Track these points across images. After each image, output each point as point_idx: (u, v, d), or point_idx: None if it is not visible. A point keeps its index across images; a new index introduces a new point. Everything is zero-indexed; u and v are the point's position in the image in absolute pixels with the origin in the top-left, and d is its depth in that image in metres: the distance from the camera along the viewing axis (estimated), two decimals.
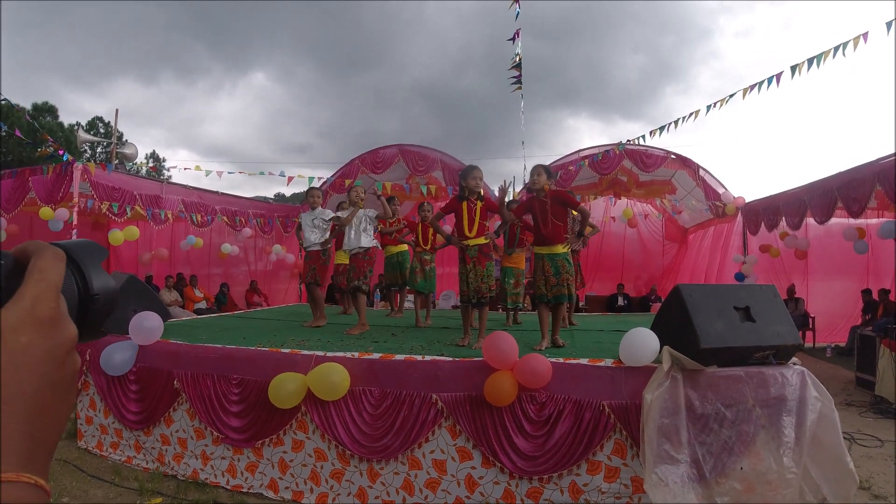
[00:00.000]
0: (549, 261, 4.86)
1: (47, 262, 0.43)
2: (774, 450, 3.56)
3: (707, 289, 3.92)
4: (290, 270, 14.49)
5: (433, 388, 4.00)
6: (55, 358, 0.41)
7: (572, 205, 5.05)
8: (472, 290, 5.01)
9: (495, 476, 3.84)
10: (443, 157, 12.54)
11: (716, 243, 13.03)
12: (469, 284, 5.02)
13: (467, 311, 5.22)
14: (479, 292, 5.00)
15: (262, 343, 4.88)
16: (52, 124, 31.60)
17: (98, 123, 37.23)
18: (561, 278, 4.81)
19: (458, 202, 5.15)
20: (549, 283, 4.83)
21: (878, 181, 7.55)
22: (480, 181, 5.18)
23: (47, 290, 0.42)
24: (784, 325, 3.77)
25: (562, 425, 3.74)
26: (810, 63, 6.86)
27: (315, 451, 4.23)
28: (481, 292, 5.00)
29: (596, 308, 12.77)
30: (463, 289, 5.09)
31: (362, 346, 4.82)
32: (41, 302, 0.41)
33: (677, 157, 12.07)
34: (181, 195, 11.36)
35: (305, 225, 6.59)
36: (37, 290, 0.41)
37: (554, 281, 4.81)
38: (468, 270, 5.02)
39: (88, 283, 0.47)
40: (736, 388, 3.59)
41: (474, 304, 5.05)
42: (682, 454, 3.42)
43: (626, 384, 3.70)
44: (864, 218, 9.48)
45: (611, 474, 3.69)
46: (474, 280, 4.99)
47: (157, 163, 37.55)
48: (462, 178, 5.18)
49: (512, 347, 3.86)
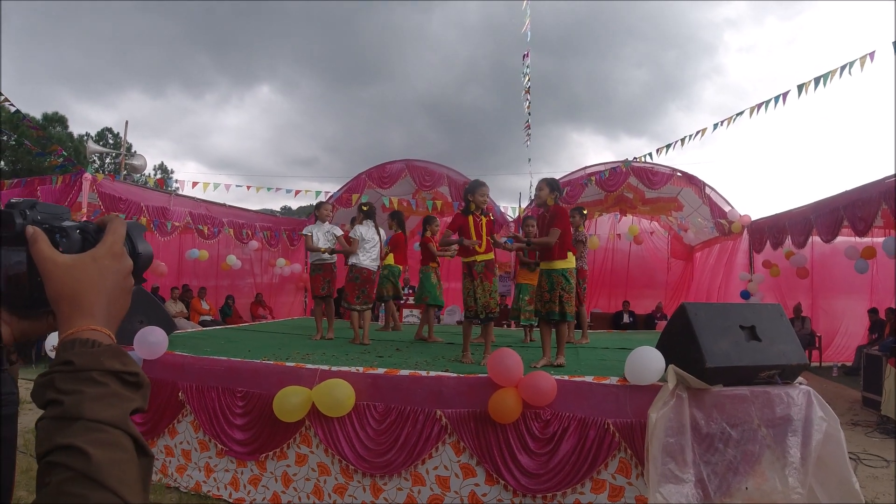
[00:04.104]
0: (545, 276, 4.85)
1: (117, 224, 0.73)
2: (779, 470, 3.54)
3: (713, 307, 3.92)
4: (296, 283, 14.51)
5: (437, 404, 4.00)
6: (121, 273, 0.70)
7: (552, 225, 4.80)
8: (481, 306, 5.00)
9: (499, 493, 3.83)
10: (449, 173, 12.60)
11: (721, 261, 13.01)
12: (477, 300, 5.01)
13: (470, 327, 5.21)
14: (487, 308, 4.99)
15: (268, 356, 4.89)
16: (61, 134, 31.87)
17: (107, 134, 37.53)
18: (554, 294, 4.74)
19: (464, 217, 5.14)
20: (543, 299, 4.81)
21: (884, 200, 7.55)
22: (487, 197, 5.19)
23: (117, 238, 0.72)
24: (790, 345, 3.76)
25: (566, 443, 3.73)
26: (817, 82, 6.89)
27: (318, 466, 4.22)
28: (490, 308, 5.00)
29: (601, 325, 12.72)
30: (470, 304, 5.07)
31: (367, 360, 4.82)
32: (114, 244, 0.71)
33: (683, 175, 12.09)
34: (188, 207, 11.42)
35: (317, 237, 6.60)
36: (112, 238, 0.71)
37: (547, 297, 4.78)
38: (475, 286, 5.01)
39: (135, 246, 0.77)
40: (741, 407, 3.58)
41: (482, 319, 5.04)
42: (686, 474, 3.40)
43: (631, 403, 3.70)
44: (872, 237, 9.47)
45: (615, 493, 3.67)
46: (482, 295, 4.98)
47: (164, 174, 37.79)
48: (469, 193, 5.18)
49: (517, 364, 3.86)
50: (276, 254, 13.85)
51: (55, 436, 0.57)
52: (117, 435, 0.59)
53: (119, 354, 0.64)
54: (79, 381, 0.60)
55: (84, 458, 0.55)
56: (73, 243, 0.71)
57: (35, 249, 0.67)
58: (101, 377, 0.61)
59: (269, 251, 13.82)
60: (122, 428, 0.60)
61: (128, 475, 0.57)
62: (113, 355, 0.63)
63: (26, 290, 0.70)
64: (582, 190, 12.05)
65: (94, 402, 0.59)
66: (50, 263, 0.67)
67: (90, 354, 0.62)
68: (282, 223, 14.24)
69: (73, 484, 0.54)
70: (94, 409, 0.58)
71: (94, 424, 0.58)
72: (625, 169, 11.67)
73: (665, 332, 4.03)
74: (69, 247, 0.70)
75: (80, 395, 0.59)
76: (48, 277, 0.66)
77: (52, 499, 0.54)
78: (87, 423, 0.57)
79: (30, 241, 0.68)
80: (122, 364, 0.64)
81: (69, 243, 0.71)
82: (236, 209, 12.95)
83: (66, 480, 0.54)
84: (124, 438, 0.59)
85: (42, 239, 0.68)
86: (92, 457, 0.55)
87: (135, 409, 0.63)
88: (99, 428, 0.58)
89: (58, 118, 34.07)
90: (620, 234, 14.36)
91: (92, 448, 0.56)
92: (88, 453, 0.55)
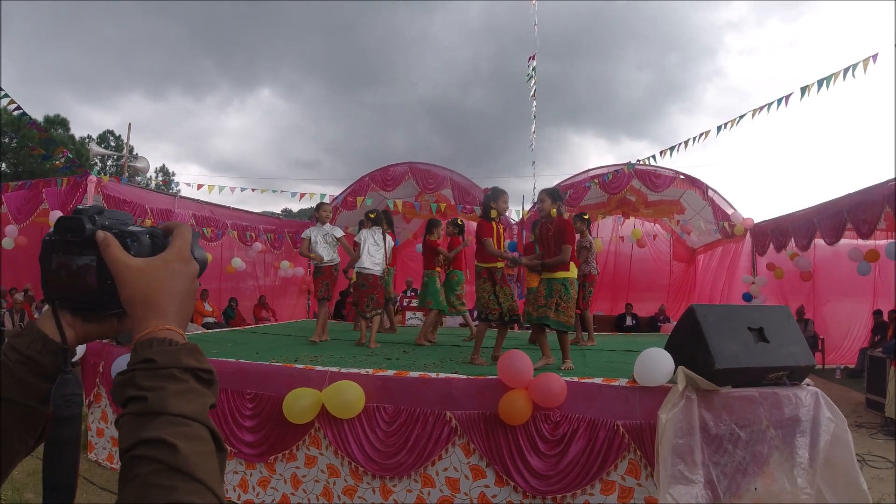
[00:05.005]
0: (545, 283, 4.91)
1: (184, 230, 0.76)
2: (788, 471, 3.56)
3: (721, 309, 3.94)
4: (299, 286, 14.53)
5: (447, 406, 4.02)
6: (189, 276, 0.73)
7: (562, 241, 4.87)
8: (506, 309, 5.09)
9: (509, 495, 3.85)
10: (452, 176, 12.62)
11: (724, 264, 13.02)
12: (501, 304, 5.09)
13: (485, 329, 5.27)
14: (512, 310, 5.11)
15: (276, 358, 4.91)
16: (63, 137, 31.89)
17: (109, 137, 37.57)
18: (550, 301, 4.80)
19: (490, 223, 5.21)
20: (537, 304, 4.87)
21: (888, 203, 7.57)
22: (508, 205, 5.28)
23: (185, 243, 0.75)
24: (797, 346, 3.78)
25: (576, 445, 3.75)
26: (820, 84, 6.91)
27: (328, 467, 4.24)
28: (514, 310, 5.13)
29: (604, 328, 12.71)
30: (492, 307, 5.14)
31: (376, 362, 4.84)
32: (183, 248, 0.74)
33: (686, 178, 12.10)
34: (193, 209, 11.44)
35: (316, 240, 6.62)
36: (180, 242, 0.74)
37: (542, 302, 4.84)
38: (496, 291, 5.07)
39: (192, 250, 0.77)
40: (750, 408, 3.60)
41: (506, 322, 5.13)
42: (696, 475, 3.42)
43: (641, 404, 3.72)
44: (875, 239, 9.48)
45: (625, 494, 3.69)
46: (505, 299, 5.07)
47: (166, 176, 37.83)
48: (492, 201, 5.24)
49: (527, 366, 3.89)
50: (280, 256, 13.87)
51: (140, 430, 0.59)
52: (199, 428, 0.61)
53: (195, 352, 0.67)
54: (160, 377, 0.62)
55: (171, 450, 0.57)
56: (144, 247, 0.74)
57: (108, 253, 0.70)
58: (181, 374, 0.64)
59: (272, 253, 13.84)
60: (202, 422, 0.62)
61: (212, 467, 0.59)
62: (189, 353, 0.66)
63: (95, 293, 0.72)
64: (585, 193, 12.06)
65: (176, 398, 0.61)
66: (124, 267, 0.70)
67: (169, 352, 0.65)
68: (285, 225, 14.26)
69: (162, 476, 0.55)
70: (176, 404, 0.61)
71: (178, 419, 0.60)
72: (628, 171, 11.68)
73: (673, 333, 4.05)
74: (140, 251, 0.73)
75: (162, 391, 0.61)
76: (122, 280, 0.69)
77: (141, 491, 0.55)
78: (171, 418, 0.60)
79: (101, 245, 0.71)
80: (197, 361, 0.66)
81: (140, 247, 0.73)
82: (240, 211, 12.98)
83: (155, 472, 0.56)
84: (204, 432, 0.61)
85: (114, 243, 0.71)
86: (180, 449, 0.57)
87: (210, 404, 0.65)
88: (182, 422, 0.60)
89: (59, 120, 34.10)
90: (623, 236, 14.37)
91: (178, 441, 0.58)
92: (176, 446, 0.57)
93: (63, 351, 0.71)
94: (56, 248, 0.73)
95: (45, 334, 0.71)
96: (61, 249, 0.73)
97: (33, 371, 0.69)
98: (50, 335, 0.71)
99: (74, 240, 0.72)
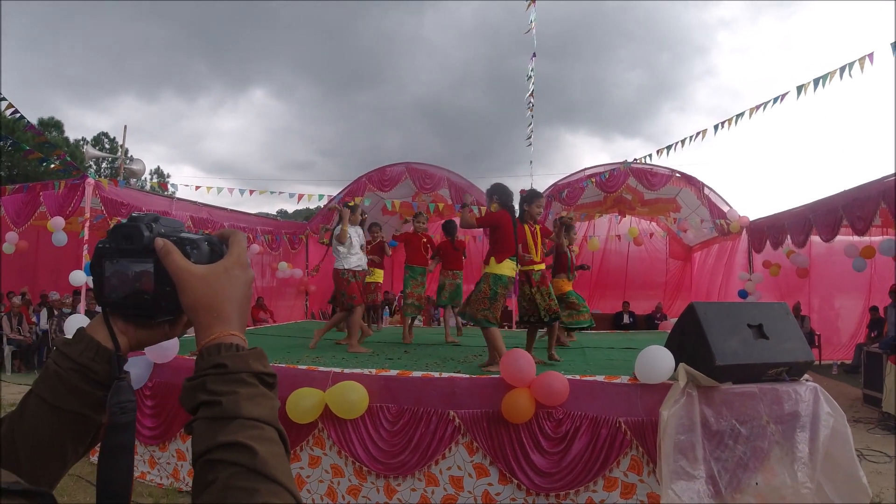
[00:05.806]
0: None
1: (240, 237, 0.78)
2: (788, 465, 3.60)
3: (721, 306, 3.98)
4: (297, 287, 14.51)
5: (450, 405, 4.05)
6: (247, 283, 0.75)
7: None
8: (543, 310, 5.11)
9: (512, 493, 3.88)
10: (449, 175, 12.62)
11: (720, 261, 13.07)
12: (538, 305, 5.11)
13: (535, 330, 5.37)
14: (549, 310, 5.13)
15: (278, 359, 4.93)
16: (57, 139, 31.79)
17: (103, 139, 37.48)
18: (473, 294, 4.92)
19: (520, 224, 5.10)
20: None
21: (883, 199, 7.61)
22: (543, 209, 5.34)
23: (242, 250, 0.77)
24: (796, 342, 3.82)
25: (578, 442, 3.78)
26: (816, 83, 6.95)
27: (332, 467, 4.26)
28: (551, 309, 5.15)
29: (601, 326, 12.74)
30: (531, 309, 5.16)
31: (379, 362, 4.87)
32: (241, 255, 0.76)
33: (682, 176, 12.12)
34: (190, 211, 11.42)
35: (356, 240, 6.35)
36: (238, 249, 0.76)
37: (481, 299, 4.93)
38: (533, 292, 5.11)
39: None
40: (750, 404, 3.64)
41: (547, 322, 5.15)
42: (698, 470, 3.46)
43: (642, 401, 3.76)
44: (871, 236, 9.54)
45: (627, 491, 3.72)
46: (542, 300, 5.10)
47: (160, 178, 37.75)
48: (525, 203, 5.23)
49: (530, 365, 3.92)
50: (278, 257, 13.85)
51: (216, 434, 0.60)
52: (270, 431, 0.63)
53: (261, 357, 0.69)
54: (232, 382, 0.64)
55: (250, 453, 0.58)
56: (203, 255, 0.75)
57: (169, 261, 0.71)
58: (250, 378, 0.66)
59: (269, 255, 13.83)
60: (273, 424, 0.64)
61: (286, 468, 0.61)
62: (257, 358, 0.68)
63: (151, 299, 0.73)
64: (581, 192, 12.09)
65: (249, 402, 0.63)
66: (186, 274, 0.71)
67: (239, 357, 0.66)
68: (283, 227, 14.23)
69: (242, 478, 0.57)
70: (249, 408, 0.62)
71: (252, 422, 0.61)
72: (624, 170, 11.72)
73: (674, 331, 4.09)
74: (199, 258, 0.74)
75: (235, 395, 0.63)
76: (185, 287, 0.70)
77: (222, 494, 0.56)
78: (245, 422, 0.61)
79: (161, 253, 0.72)
80: (263, 366, 0.68)
81: (200, 254, 0.75)
82: (237, 213, 12.95)
83: (235, 475, 0.57)
84: (275, 434, 0.63)
85: (175, 251, 0.72)
86: (258, 452, 0.58)
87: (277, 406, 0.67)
88: (256, 425, 0.61)
89: (53, 123, 34.02)
90: (620, 235, 14.42)
91: (255, 443, 0.59)
92: (254, 448, 0.59)
93: (117, 358, 0.72)
94: (110, 255, 0.74)
95: (98, 342, 0.72)
96: (116, 256, 0.74)
97: (86, 378, 0.70)
98: (102, 342, 0.72)
99: (131, 247, 0.73)
